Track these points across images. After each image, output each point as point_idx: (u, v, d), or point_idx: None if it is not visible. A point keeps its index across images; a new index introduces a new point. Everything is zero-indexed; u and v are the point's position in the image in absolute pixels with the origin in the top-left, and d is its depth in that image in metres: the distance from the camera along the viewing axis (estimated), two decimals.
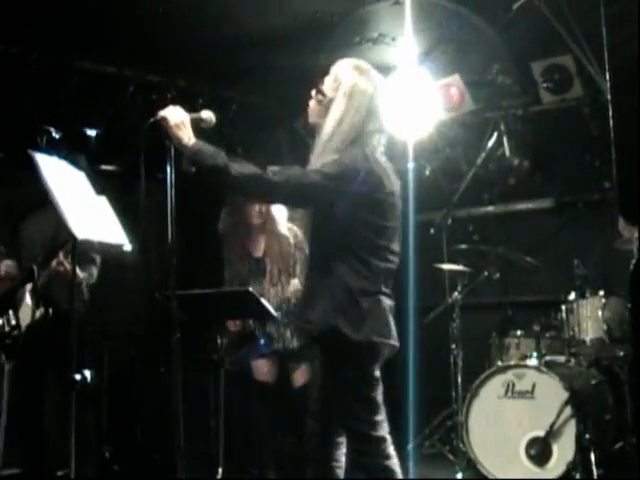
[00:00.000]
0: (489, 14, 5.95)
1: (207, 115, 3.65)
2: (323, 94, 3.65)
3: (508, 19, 5.67)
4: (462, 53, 6.70)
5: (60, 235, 4.89)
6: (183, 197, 3.56)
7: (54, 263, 5.11)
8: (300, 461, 5.88)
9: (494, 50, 6.63)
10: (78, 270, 5.24)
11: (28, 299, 5.38)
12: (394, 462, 3.55)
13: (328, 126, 3.57)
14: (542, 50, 6.51)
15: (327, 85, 3.66)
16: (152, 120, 3.54)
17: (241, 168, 3.45)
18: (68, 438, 3.82)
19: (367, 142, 3.56)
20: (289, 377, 5.64)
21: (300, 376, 5.61)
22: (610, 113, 1.77)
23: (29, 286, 5.38)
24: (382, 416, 3.59)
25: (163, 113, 3.52)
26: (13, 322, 5.27)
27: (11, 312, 5.30)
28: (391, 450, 3.57)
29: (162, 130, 3.51)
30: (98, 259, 5.54)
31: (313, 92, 3.70)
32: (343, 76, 3.64)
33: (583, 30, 5.71)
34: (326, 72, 3.70)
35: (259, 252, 5.68)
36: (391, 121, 3.69)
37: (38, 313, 5.27)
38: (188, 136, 3.49)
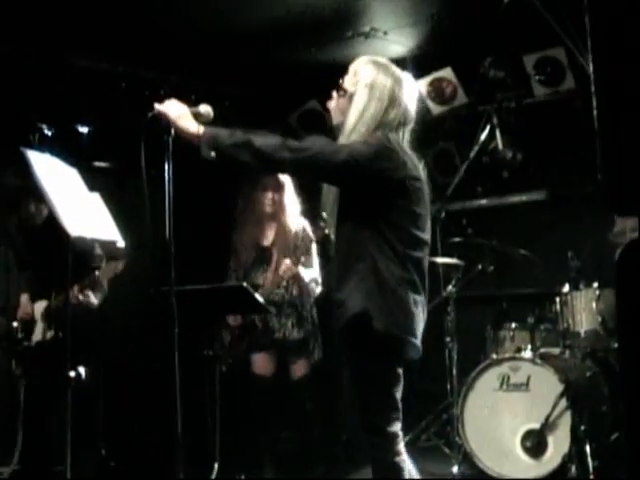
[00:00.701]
0: (481, 7, 5.95)
1: (205, 109, 3.57)
2: (344, 90, 3.65)
3: (500, 12, 5.67)
4: (454, 46, 6.70)
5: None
6: (177, 193, 3.52)
7: (75, 290, 5.15)
8: (297, 456, 5.92)
9: (486, 43, 6.63)
10: (93, 297, 5.32)
11: (40, 315, 5.45)
12: (403, 459, 3.53)
13: (351, 118, 3.57)
14: (534, 43, 6.51)
15: (347, 81, 3.66)
16: (151, 115, 3.47)
17: (263, 139, 3.45)
18: (64, 435, 3.82)
19: (390, 129, 3.56)
20: (288, 370, 5.67)
21: (299, 368, 5.63)
22: (594, 104, 1.76)
23: (42, 305, 5.43)
24: (398, 413, 3.57)
25: (162, 107, 3.47)
26: (23, 333, 5.36)
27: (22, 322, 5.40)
28: (401, 447, 3.55)
29: (162, 124, 3.46)
30: (105, 285, 5.57)
31: (334, 92, 3.70)
32: (362, 70, 3.64)
33: (575, 22, 5.70)
34: (343, 72, 3.69)
35: (267, 241, 5.73)
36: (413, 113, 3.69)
37: (50, 334, 5.31)
38: (195, 125, 3.44)
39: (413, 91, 3.71)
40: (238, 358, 5.71)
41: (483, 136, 6.84)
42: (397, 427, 3.56)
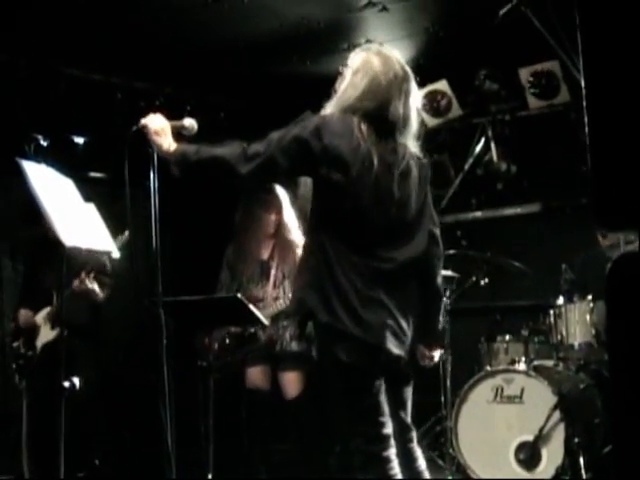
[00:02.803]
0: (476, 19, 5.97)
1: (189, 123, 3.62)
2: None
3: (495, 25, 5.69)
4: (449, 59, 6.72)
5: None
6: (173, 203, 3.55)
7: (76, 282, 5.21)
8: (291, 467, 5.91)
9: (481, 55, 6.65)
10: (98, 289, 5.38)
11: (42, 320, 5.48)
12: None
13: (332, 100, 3.44)
14: (529, 55, 6.53)
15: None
16: (135, 128, 3.54)
17: (228, 151, 3.37)
18: (57, 444, 3.82)
19: (366, 119, 3.31)
20: (282, 385, 5.65)
21: (293, 384, 5.61)
22: (585, 118, 1.77)
23: (46, 309, 5.47)
24: (371, 428, 3.37)
25: (144, 121, 3.50)
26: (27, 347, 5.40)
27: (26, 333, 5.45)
28: (389, 469, 3.32)
29: (145, 138, 3.51)
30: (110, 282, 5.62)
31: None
32: (353, 56, 3.49)
33: (569, 36, 5.73)
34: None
35: (265, 255, 5.71)
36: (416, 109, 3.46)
37: (55, 333, 5.33)
38: (168, 142, 3.44)
39: (410, 89, 3.42)
40: (234, 370, 5.71)
41: (477, 148, 6.87)
42: (377, 446, 3.35)
